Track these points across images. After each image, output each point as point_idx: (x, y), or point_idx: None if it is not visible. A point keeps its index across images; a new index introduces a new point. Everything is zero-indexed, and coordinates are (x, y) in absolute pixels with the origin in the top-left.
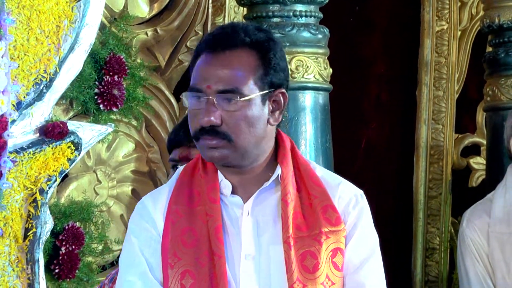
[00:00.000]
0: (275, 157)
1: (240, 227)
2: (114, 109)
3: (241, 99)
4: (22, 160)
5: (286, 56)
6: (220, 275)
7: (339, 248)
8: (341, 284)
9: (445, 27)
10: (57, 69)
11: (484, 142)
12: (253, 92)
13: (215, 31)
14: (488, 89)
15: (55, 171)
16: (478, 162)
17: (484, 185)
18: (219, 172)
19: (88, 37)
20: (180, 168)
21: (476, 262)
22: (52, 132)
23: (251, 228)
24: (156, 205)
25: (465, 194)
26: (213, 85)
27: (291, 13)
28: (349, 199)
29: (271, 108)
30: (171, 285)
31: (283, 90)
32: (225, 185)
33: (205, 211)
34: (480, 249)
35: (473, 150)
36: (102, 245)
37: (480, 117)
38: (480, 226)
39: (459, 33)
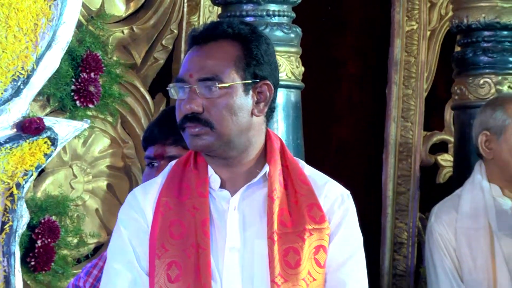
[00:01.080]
0: (265, 154)
1: (226, 220)
2: (90, 106)
3: (220, 85)
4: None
5: None
6: (204, 266)
7: (322, 245)
8: (322, 281)
9: (414, 27)
10: (35, 66)
11: (452, 139)
12: (233, 80)
13: (202, 26)
14: (456, 88)
15: (32, 165)
16: (446, 159)
17: (451, 182)
18: (209, 167)
19: (65, 35)
20: (173, 162)
21: (444, 257)
22: (29, 128)
23: (237, 222)
24: (146, 196)
25: (433, 190)
26: (195, 74)
27: (264, 13)
28: (335, 198)
29: (255, 99)
30: (157, 275)
31: (268, 82)
32: (214, 180)
33: (194, 204)
34: (447, 243)
35: (441, 147)
36: (78, 238)
37: (448, 115)
38: (448, 221)
39: (428, 33)
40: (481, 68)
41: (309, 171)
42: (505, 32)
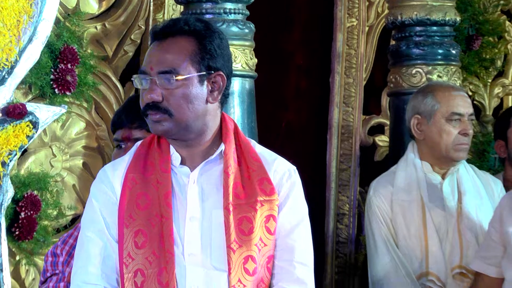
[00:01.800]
0: (220, 135)
1: (186, 193)
2: (68, 93)
3: (177, 77)
4: None
5: None
6: (167, 234)
7: (272, 215)
8: (272, 246)
9: (354, 23)
10: (18, 58)
11: (388, 122)
12: (189, 73)
13: (162, 23)
14: (391, 77)
15: (16, 146)
16: (383, 140)
17: (387, 160)
18: (171, 146)
19: (45, 30)
20: (139, 142)
21: (381, 225)
22: (13, 113)
23: (196, 194)
24: (115, 173)
25: (371, 167)
26: (155, 67)
27: (221, 11)
28: (283, 173)
29: (210, 88)
30: (125, 242)
31: (222, 73)
32: (176, 157)
33: (157, 179)
34: (384, 214)
35: (378, 129)
36: (57, 210)
37: (385, 101)
38: (384, 194)
39: (367, 28)
40: (413, 59)
41: (259, 149)
42: (435, 28)
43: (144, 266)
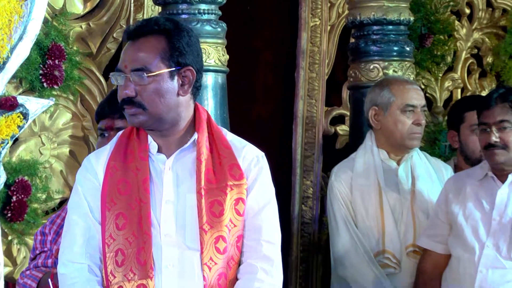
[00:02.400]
0: (194, 124)
1: (162, 178)
2: (55, 87)
3: (148, 74)
4: None
5: None
6: (145, 216)
7: (241, 198)
8: (241, 227)
9: (317, 23)
10: (9, 54)
11: (348, 113)
12: (160, 69)
13: (134, 24)
14: (351, 72)
15: (8, 135)
16: (343, 129)
17: (347, 147)
18: (148, 136)
19: (34, 29)
20: (120, 132)
21: (342, 207)
22: (5, 105)
23: (171, 180)
24: (98, 161)
25: (333, 154)
26: (129, 65)
27: (196, 11)
28: (251, 159)
29: (180, 82)
30: (107, 224)
31: (191, 68)
32: (153, 146)
33: (136, 166)
34: (345, 197)
35: (339, 119)
36: (45, 194)
37: (345, 94)
38: (345, 179)
39: (328, 27)
40: (371, 55)
41: (230, 137)
42: (390, 27)
43: (124, 246)
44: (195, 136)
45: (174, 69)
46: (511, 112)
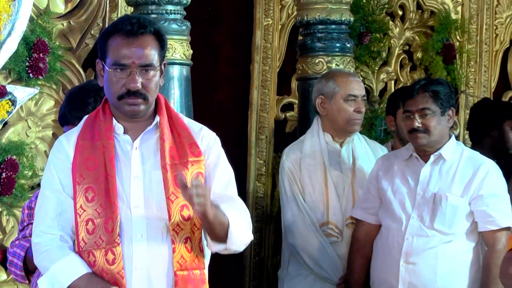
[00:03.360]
0: (155, 109)
1: (130, 157)
2: (40, 77)
3: (152, 70)
4: None
5: None
6: (112, 189)
7: (200, 172)
8: None
9: (270, 22)
10: None
11: (296, 101)
12: (158, 65)
13: (125, 21)
14: (299, 65)
15: None
16: (292, 115)
17: (296, 131)
18: (113, 118)
19: (21, 26)
20: (86, 116)
21: (292, 184)
22: None
23: (138, 158)
24: (68, 141)
25: (283, 137)
26: (136, 61)
27: (164, 11)
28: (209, 139)
29: (161, 74)
30: (78, 197)
31: (165, 62)
32: (119, 127)
33: (103, 145)
34: (294, 175)
35: (288, 107)
36: (31, 172)
37: (294, 84)
38: (294, 159)
39: (280, 26)
40: (316, 51)
41: (186, 120)
42: (333, 26)
43: (93, 216)
44: (157, 119)
45: (161, 64)
46: (431, 101)
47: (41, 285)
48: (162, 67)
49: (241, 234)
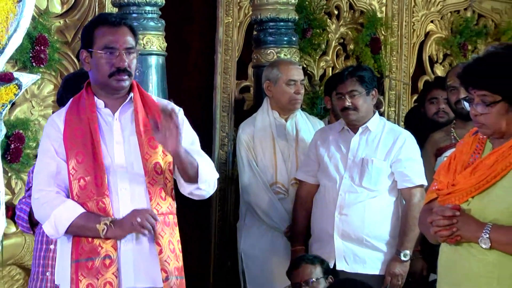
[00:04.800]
0: (129, 88)
1: (112, 126)
2: (41, 66)
3: (134, 53)
4: None
5: (141, 36)
6: (98, 152)
7: None
8: (171, 158)
9: (230, 20)
10: (7, 42)
11: (252, 85)
12: (137, 48)
13: (106, 16)
14: (254, 56)
15: (6, 100)
16: (249, 96)
17: (252, 109)
18: (95, 96)
19: (25, 24)
20: (72, 97)
21: (247, 152)
22: (4, 78)
23: (119, 127)
24: (59, 117)
25: (241, 114)
26: (123, 45)
27: (143, 11)
28: (176, 112)
29: (136, 56)
30: (70, 160)
31: (139, 50)
32: (100, 103)
33: (88, 117)
34: (249, 144)
35: (246, 89)
36: (35, 143)
37: (250, 71)
38: (248, 132)
39: (238, 24)
40: (268, 44)
41: (155, 98)
42: (282, 23)
43: (84, 174)
44: (131, 95)
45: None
46: (358, 84)
47: (46, 230)
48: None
49: (209, 174)
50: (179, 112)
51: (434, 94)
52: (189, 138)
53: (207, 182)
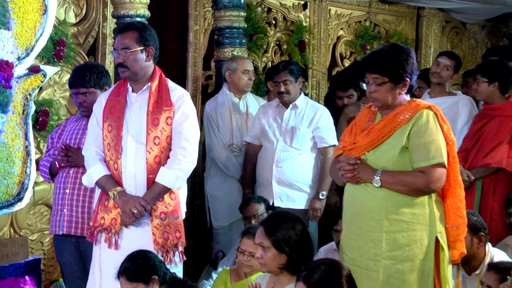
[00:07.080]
0: (151, 78)
1: (132, 105)
2: (61, 61)
3: (129, 50)
4: (21, 81)
5: None
6: (120, 125)
7: (169, 116)
8: (169, 132)
9: (198, 28)
10: (35, 43)
11: (214, 74)
12: (135, 48)
13: (121, 25)
14: (215, 53)
15: (36, 86)
16: (212, 83)
17: (213, 92)
18: (128, 84)
19: (48, 30)
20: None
21: (212, 122)
22: (33, 69)
23: (138, 106)
24: (104, 96)
25: (208, 94)
26: (120, 46)
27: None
28: (178, 96)
29: (146, 54)
30: (104, 129)
31: (152, 47)
32: (130, 88)
33: (119, 99)
34: (212, 117)
35: (210, 77)
36: (57, 116)
37: (213, 64)
38: (212, 107)
39: (204, 30)
40: (225, 45)
41: (170, 83)
42: (235, 30)
43: (110, 140)
44: (149, 84)
45: (142, 47)
46: (289, 74)
47: (83, 180)
48: (143, 50)
49: (183, 182)
50: (184, 95)
51: (338, 93)
52: (181, 118)
53: (173, 183)
